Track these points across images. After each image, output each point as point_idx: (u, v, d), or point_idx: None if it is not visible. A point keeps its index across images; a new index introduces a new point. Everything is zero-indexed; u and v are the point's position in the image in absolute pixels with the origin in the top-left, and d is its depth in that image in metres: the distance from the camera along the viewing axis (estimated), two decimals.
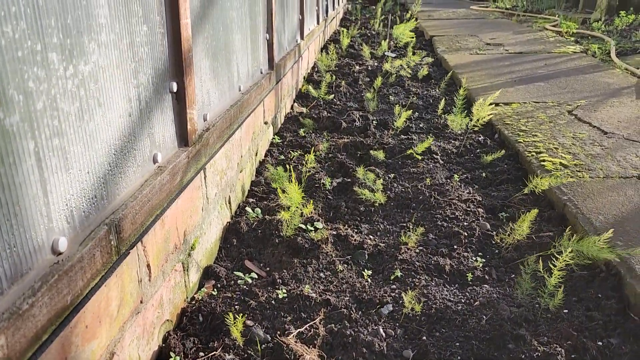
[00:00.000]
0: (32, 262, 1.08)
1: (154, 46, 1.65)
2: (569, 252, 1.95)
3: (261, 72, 3.28)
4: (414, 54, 7.18)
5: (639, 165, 3.01)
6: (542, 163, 3.06)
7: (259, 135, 3.27)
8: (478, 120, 3.41)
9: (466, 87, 4.99)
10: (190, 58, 1.88)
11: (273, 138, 3.69)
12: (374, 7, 14.90)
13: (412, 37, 7.43)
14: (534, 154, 3.23)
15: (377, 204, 2.82)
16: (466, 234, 2.50)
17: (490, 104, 4.28)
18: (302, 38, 5.12)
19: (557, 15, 10.39)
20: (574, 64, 6.02)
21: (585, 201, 2.59)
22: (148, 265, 1.61)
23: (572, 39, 7.77)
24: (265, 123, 3.46)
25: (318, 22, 6.74)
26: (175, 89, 1.81)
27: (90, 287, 1.25)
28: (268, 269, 2.28)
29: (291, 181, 2.53)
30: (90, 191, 1.29)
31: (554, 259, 2.29)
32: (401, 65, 6.31)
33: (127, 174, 1.49)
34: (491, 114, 3.48)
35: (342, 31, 9.23)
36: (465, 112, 4.38)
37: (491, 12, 11.70)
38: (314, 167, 3.19)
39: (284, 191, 2.47)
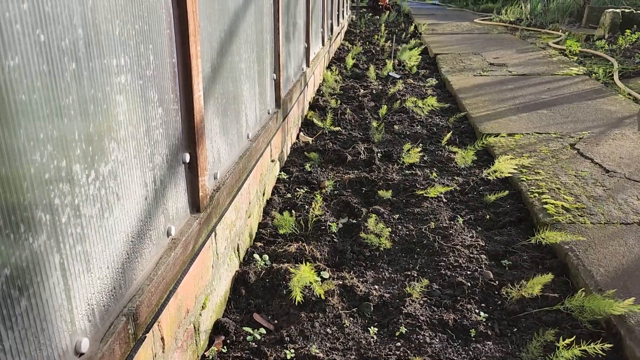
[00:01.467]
0: None
1: (169, 125, 1.71)
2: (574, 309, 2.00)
3: (268, 113, 3.34)
4: (417, 73, 7.24)
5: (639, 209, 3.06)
6: (545, 206, 3.11)
7: (266, 175, 3.33)
8: (494, 172, 3.46)
9: (470, 115, 5.05)
10: (202, 128, 1.94)
11: (279, 174, 3.75)
12: (378, 18, 14.99)
13: (417, 57, 7.48)
14: (536, 194, 3.28)
15: (382, 249, 2.87)
16: (469, 284, 2.55)
17: (495, 135, 4.34)
18: (307, 65, 5.19)
19: (560, 31, 10.44)
20: (577, 88, 6.07)
21: (587, 251, 2.64)
22: (162, 339, 1.67)
23: (575, 58, 7.82)
24: (272, 161, 3.52)
25: (323, 44, 6.81)
26: (188, 160, 1.87)
27: None
28: (276, 321, 2.34)
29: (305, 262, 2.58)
30: (109, 284, 1.35)
31: (557, 313, 2.34)
32: (406, 88, 6.37)
33: (143, 256, 1.55)
34: (510, 172, 3.53)
35: (347, 46, 9.30)
36: (469, 141, 4.44)
37: (494, 26, 11.75)
38: (320, 206, 3.24)
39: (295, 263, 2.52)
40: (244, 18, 2.64)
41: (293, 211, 3.17)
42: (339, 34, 9.63)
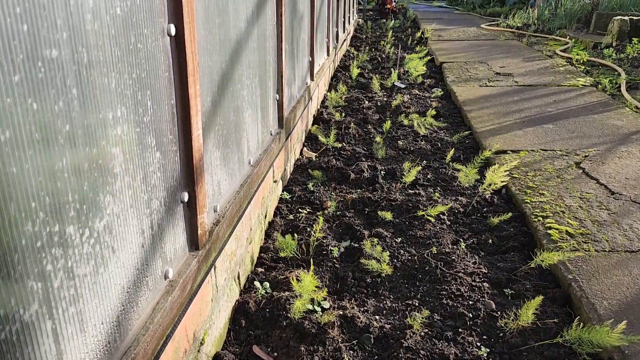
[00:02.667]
0: None
1: (166, 167, 1.70)
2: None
3: (271, 134, 3.33)
4: (423, 83, 7.21)
5: None
6: (548, 231, 3.08)
7: (269, 197, 3.32)
8: (489, 185, 3.44)
9: (474, 129, 5.02)
10: (201, 166, 1.93)
11: (282, 194, 3.74)
12: (385, 21, 14.96)
13: (423, 67, 7.44)
14: (540, 218, 3.25)
15: (383, 275, 2.85)
16: (471, 315, 2.53)
17: (499, 151, 4.31)
18: (312, 79, 5.17)
19: (567, 37, 10.38)
20: (584, 100, 6.02)
21: (590, 282, 2.61)
22: None
23: (582, 68, 7.76)
24: (275, 181, 3.51)
25: (328, 54, 6.79)
26: (186, 199, 1.86)
27: None
28: (276, 354, 2.32)
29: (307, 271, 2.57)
30: (104, 340, 1.34)
31: (559, 347, 2.32)
32: (410, 99, 6.34)
33: (139, 304, 1.54)
34: (503, 182, 3.51)
35: (353, 53, 9.28)
36: (474, 157, 4.41)
37: (501, 32, 11.69)
38: (322, 229, 3.23)
39: (298, 280, 2.50)
40: (246, 45, 2.63)
41: (295, 234, 3.16)
42: (344, 41, 9.60)
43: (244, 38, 2.60)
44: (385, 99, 6.33)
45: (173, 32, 1.66)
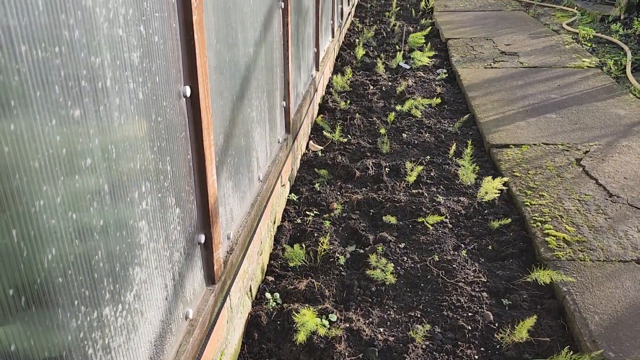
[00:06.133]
0: None
1: (185, 219, 1.82)
2: None
3: (278, 142, 3.43)
4: (427, 65, 7.21)
5: (638, 243, 3.15)
6: (546, 238, 3.21)
7: (277, 203, 3.44)
8: (487, 193, 3.55)
9: (478, 120, 5.09)
10: (216, 208, 2.05)
11: (289, 195, 3.86)
12: None
13: (429, 49, 7.41)
14: (539, 223, 3.38)
15: (387, 283, 3.00)
16: (470, 327, 2.69)
17: (502, 145, 4.40)
18: (317, 69, 5.21)
19: (575, 7, 10.24)
20: (588, 85, 6.04)
21: (584, 294, 2.75)
22: None
23: (589, 45, 7.72)
24: (283, 185, 3.63)
25: (333, 36, 6.78)
26: (203, 240, 1.99)
27: None
28: None
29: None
30: None
31: None
32: (415, 83, 6.37)
33: (164, 350, 1.69)
34: (497, 191, 3.62)
35: (357, 27, 9.21)
36: (478, 150, 4.50)
37: (508, 1, 11.51)
38: (328, 233, 3.36)
39: (297, 311, 2.65)
40: (254, 67, 2.70)
41: (303, 242, 3.30)
42: (349, 14, 9.51)
43: (253, 61, 2.67)
44: (390, 83, 6.37)
45: (188, 94, 1.75)
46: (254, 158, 2.78)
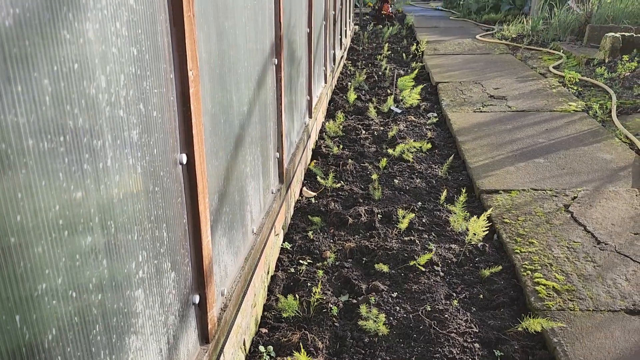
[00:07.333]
0: None
1: (180, 281, 1.86)
2: None
3: (272, 193, 3.49)
4: (419, 107, 7.37)
5: (626, 292, 3.20)
6: (536, 287, 3.26)
7: (271, 253, 3.48)
8: (475, 234, 3.61)
9: (468, 165, 5.19)
10: (211, 269, 2.09)
11: (283, 244, 3.90)
12: (381, 27, 15.09)
13: (418, 91, 7.58)
14: (529, 272, 3.43)
15: (380, 334, 3.02)
16: None
17: (491, 191, 4.48)
18: (310, 116, 5.32)
19: (561, 51, 10.53)
20: (575, 129, 6.19)
21: (574, 345, 2.79)
22: None
23: (575, 89, 7.92)
24: (276, 235, 3.67)
25: (325, 81, 6.93)
26: (197, 301, 2.02)
27: None
28: None
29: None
30: None
31: None
32: (406, 127, 6.50)
33: None
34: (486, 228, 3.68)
35: (350, 70, 9.41)
36: (468, 196, 4.58)
37: (496, 45, 11.83)
38: (322, 282, 3.39)
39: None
40: (248, 125, 2.78)
41: (296, 292, 3.33)
42: (342, 57, 9.73)
43: (247, 118, 2.76)
44: (381, 127, 6.49)
45: (184, 161, 1.81)
46: (247, 212, 2.84)
